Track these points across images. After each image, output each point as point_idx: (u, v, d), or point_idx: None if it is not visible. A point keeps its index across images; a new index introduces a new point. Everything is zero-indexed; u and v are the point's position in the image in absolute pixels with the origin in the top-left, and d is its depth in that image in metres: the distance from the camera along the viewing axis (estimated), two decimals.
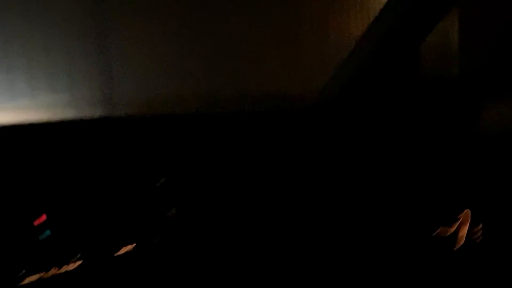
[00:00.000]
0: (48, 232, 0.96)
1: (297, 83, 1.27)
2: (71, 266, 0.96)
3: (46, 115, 1.06)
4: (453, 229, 1.29)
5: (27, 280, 0.90)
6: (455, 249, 1.28)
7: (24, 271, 0.91)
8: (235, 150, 1.13)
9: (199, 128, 1.12)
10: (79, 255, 0.97)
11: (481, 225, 1.28)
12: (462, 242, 1.28)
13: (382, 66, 1.25)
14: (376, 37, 1.25)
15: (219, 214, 1.10)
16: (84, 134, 1.04)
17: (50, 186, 0.98)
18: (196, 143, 1.11)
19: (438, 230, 1.28)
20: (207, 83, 1.20)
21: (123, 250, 1.01)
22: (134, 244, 1.03)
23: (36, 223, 0.96)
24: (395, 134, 1.28)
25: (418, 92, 1.31)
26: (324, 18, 1.32)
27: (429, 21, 1.23)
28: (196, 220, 1.08)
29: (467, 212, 1.30)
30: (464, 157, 1.31)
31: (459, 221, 1.29)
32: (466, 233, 1.29)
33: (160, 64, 1.17)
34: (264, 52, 1.25)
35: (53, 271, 0.94)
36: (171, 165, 1.07)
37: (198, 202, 1.09)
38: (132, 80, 1.14)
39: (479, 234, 1.31)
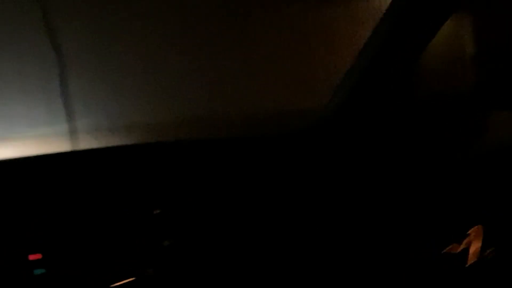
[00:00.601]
0: (42, 271, 0.96)
1: (301, 101, 1.24)
2: None
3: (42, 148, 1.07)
4: (464, 245, 1.25)
5: None
6: (467, 266, 1.24)
7: None
8: (238, 178, 1.11)
9: (200, 155, 1.10)
10: None
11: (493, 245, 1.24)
12: (474, 259, 1.24)
13: (387, 74, 1.21)
14: (378, 42, 1.20)
15: (217, 246, 1.09)
16: (78, 166, 1.04)
17: (44, 220, 0.98)
18: (196, 170, 1.09)
19: (449, 247, 1.24)
20: (209, 108, 1.19)
21: (118, 285, 1.01)
22: (130, 279, 1.02)
23: (31, 258, 0.96)
24: (404, 145, 1.24)
25: (427, 102, 1.27)
26: (326, 34, 1.29)
27: (431, 24, 1.18)
28: (192, 252, 1.07)
29: (479, 227, 1.26)
30: (474, 170, 1.27)
31: (470, 237, 1.25)
32: (478, 249, 1.25)
33: (160, 89, 1.16)
34: (266, 72, 1.22)
35: None
36: (167, 195, 1.06)
37: (194, 233, 1.08)
38: (130, 107, 1.13)
39: (491, 250, 1.27)
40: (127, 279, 1.02)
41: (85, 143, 1.09)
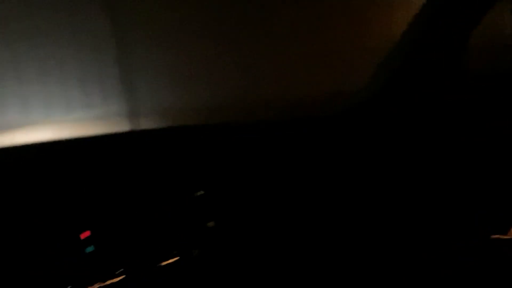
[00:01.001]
0: (92, 248, 0.99)
1: (338, 84, 1.23)
2: (114, 281, 0.98)
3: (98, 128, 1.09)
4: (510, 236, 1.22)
5: None
6: None
7: (70, 286, 0.95)
8: (279, 160, 1.11)
9: (243, 137, 1.11)
10: (122, 270, 1.00)
11: None
12: None
13: (433, 56, 1.18)
14: (424, 24, 1.18)
15: (260, 227, 1.09)
16: (126, 147, 1.06)
17: (93, 200, 1.01)
18: (239, 152, 1.10)
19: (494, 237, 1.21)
20: (250, 92, 1.19)
21: (164, 264, 1.03)
22: (176, 258, 1.04)
23: (82, 236, 0.99)
24: (446, 134, 1.21)
25: (471, 89, 1.24)
26: (355, 17, 1.27)
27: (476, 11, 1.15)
28: (236, 233, 1.08)
29: None
30: None
31: None
32: None
33: (202, 74, 1.17)
34: (292, 57, 1.22)
35: (96, 285, 0.97)
36: (209, 176, 1.07)
37: (238, 215, 1.09)
38: (168, 91, 1.15)
39: None
40: (173, 258, 1.04)
41: (135, 125, 1.11)
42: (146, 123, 1.11)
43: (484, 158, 1.19)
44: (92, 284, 0.97)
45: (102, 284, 0.98)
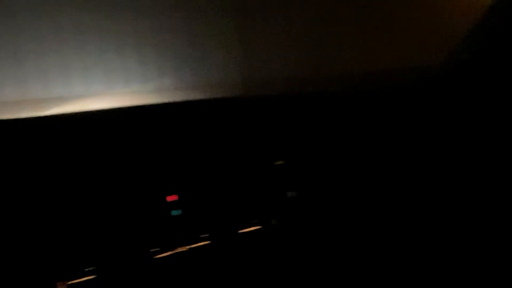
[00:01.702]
0: (179, 211, 1.01)
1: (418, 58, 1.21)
2: (197, 245, 1.00)
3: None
4: None
5: (159, 255, 0.96)
6: None
7: (158, 248, 0.97)
8: (362, 131, 1.11)
9: (324, 108, 1.11)
10: (206, 235, 1.01)
11: None
12: None
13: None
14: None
15: (340, 198, 1.09)
16: (208, 116, 1.07)
17: (180, 166, 1.03)
18: (320, 123, 1.09)
19: None
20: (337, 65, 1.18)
21: (245, 231, 1.04)
22: (257, 227, 1.05)
23: (169, 199, 1.01)
24: None
25: None
26: None
27: None
28: (316, 203, 1.08)
29: None
30: None
31: None
32: None
33: (288, 47, 1.16)
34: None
35: (181, 248, 0.99)
36: (291, 146, 1.08)
37: (317, 185, 1.09)
38: (258, 63, 1.15)
39: None
40: (254, 227, 1.05)
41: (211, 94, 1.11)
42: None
43: None
44: (175, 248, 0.98)
45: (186, 247, 0.99)
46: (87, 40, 1.02)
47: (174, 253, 0.99)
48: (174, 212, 1.00)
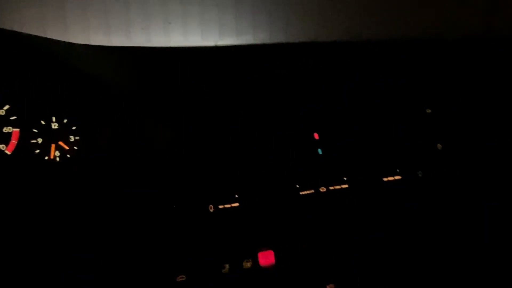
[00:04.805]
0: (319, 151, 1.00)
1: None
2: (337, 188, 1.00)
3: None
4: None
5: (303, 192, 0.97)
6: None
7: (297, 185, 0.98)
8: None
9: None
10: (345, 179, 1.00)
11: None
12: None
13: None
14: None
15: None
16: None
17: (321, 106, 1.02)
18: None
19: None
20: None
21: (387, 180, 1.02)
22: (398, 177, 1.02)
23: (316, 136, 1.01)
24: None
25: None
26: None
27: None
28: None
29: None
30: None
31: None
32: None
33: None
34: None
35: (320, 189, 0.99)
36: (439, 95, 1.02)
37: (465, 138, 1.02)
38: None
39: None
40: (395, 177, 1.02)
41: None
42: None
43: None
44: (317, 187, 0.99)
45: (325, 189, 0.99)
46: None
47: (315, 192, 0.99)
48: (319, 151, 1.00)
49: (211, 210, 0.94)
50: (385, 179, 1.02)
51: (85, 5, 0.97)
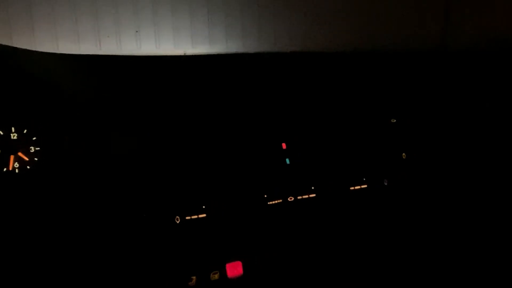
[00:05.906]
0: (287, 161, 1.00)
1: None
2: (304, 197, 1.00)
3: None
4: None
5: (271, 202, 0.97)
6: None
7: (265, 195, 0.97)
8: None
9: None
10: (312, 188, 1.00)
11: None
12: None
13: None
14: None
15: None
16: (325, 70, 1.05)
17: (294, 118, 1.02)
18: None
19: None
20: None
21: (353, 189, 1.02)
22: (364, 186, 1.03)
23: (284, 146, 1.01)
24: None
25: None
26: None
27: None
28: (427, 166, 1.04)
29: None
30: None
31: None
32: None
33: None
34: None
35: (288, 199, 0.99)
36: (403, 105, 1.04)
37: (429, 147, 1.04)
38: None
39: None
40: (361, 185, 1.03)
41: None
42: None
43: None
44: (285, 197, 0.99)
45: (293, 199, 0.99)
46: None
47: (282, 202, 0.99)
48: (287, 161, 1.00)
49: (178, 222, 0.92)
50: (351, 188, 1.03)
51: (54, 13, 0.95)
